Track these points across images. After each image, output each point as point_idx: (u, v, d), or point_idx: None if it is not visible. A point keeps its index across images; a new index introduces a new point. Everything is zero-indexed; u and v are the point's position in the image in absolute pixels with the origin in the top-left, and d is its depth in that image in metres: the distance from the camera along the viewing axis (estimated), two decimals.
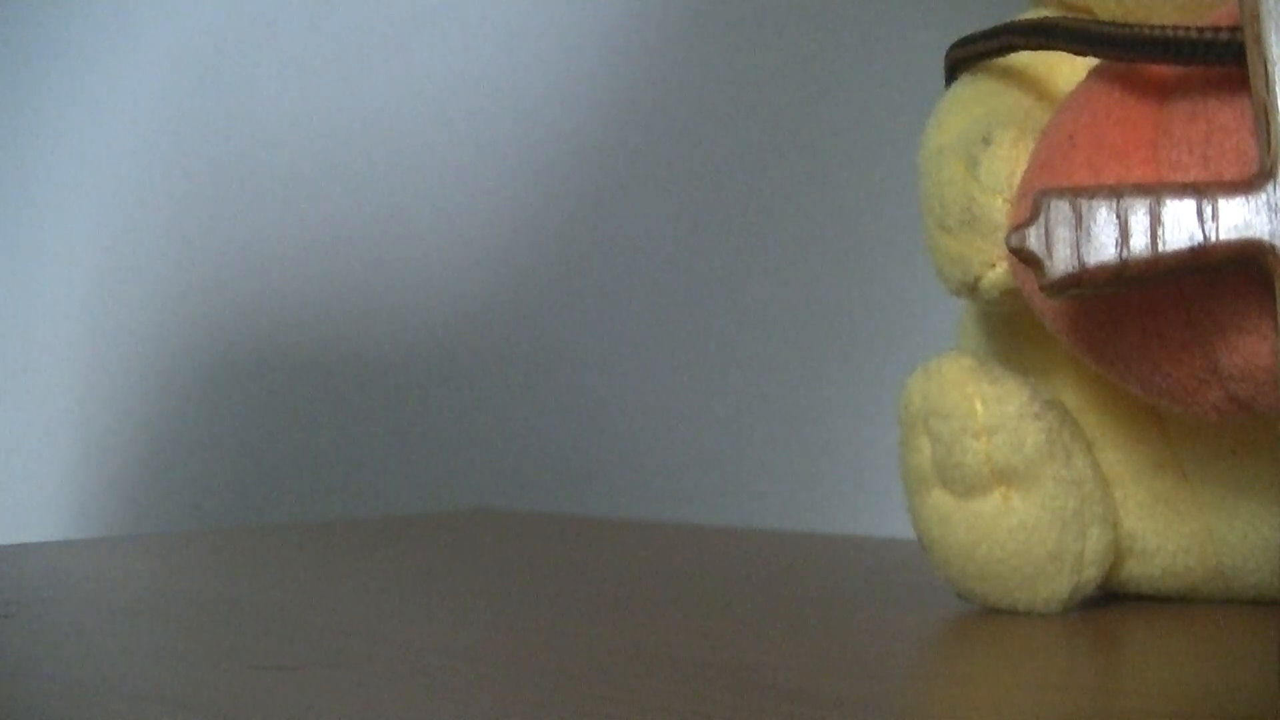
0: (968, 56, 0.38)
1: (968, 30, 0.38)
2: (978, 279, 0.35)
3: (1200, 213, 0.28)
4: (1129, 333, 0.31)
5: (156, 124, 1.03)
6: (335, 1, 0.92)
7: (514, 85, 0.81)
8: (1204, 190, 0.28)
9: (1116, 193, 0.29)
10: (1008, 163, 0.34)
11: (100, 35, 1.07)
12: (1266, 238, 0.28)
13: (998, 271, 0.35)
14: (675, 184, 0.73)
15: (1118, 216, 0.28)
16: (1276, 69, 0.28)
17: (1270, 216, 0.28)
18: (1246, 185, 0.28)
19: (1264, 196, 0.28)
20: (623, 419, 0.75)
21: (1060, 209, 0.29)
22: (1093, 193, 0.29)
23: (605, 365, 0.76)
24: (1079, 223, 0.29)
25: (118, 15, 1.05)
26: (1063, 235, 0.29)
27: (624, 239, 0.75)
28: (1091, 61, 0.34)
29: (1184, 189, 0.28)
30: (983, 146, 0.35)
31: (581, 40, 0.78)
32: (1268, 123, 0.28)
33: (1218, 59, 0.30)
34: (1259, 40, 0.28)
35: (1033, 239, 0.29)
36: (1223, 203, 0.28)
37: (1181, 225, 0.28)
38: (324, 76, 0.92)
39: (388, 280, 0.87)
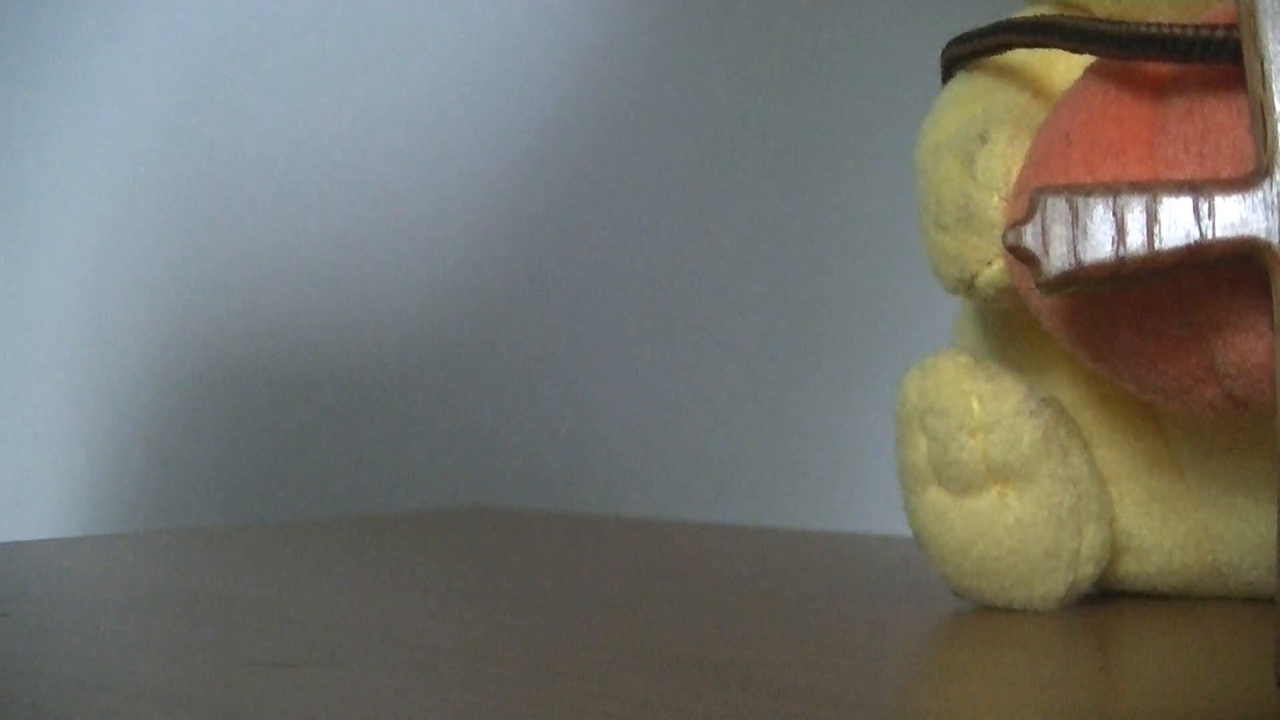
0: (964, 54, 0.38)
1: (964, 28, 0.38)
2: (974, 277, 0.35)
3: (1197, 210, 0.28)
4: (1125, 330, 0.31)
5: (153, 126, 1.03)
6: (327, 8, 0.92)
7: (506, 91, 0.81)
8: (1200, 188, 0.28)
9: (1113, 190, 0.29)
10: (1004, 160, 0.34)
11: (96, 40, 1.07)
12: (1263, 235, 0.28)
13: (994, 269, 0.35)
14: (669, 184, 0.73)
15: (1114, 214, 0.28)
16: (1273, 66, 0.28)
17: (1267, 214, 0.28)
18: (1243, 183, 0.28)
19: (1260, 194, 0.28)
20: (619, 417, 0.75)
21: (1057, 207, 0.29)
22: (1089, 190, 0.29)
23: (602, 363, 0.76)
24: (1075, 220, 0.29)
25: (114, 20, 1.05)
26: (1059, 233, 0.29)
27: (619, 238, 0.75)
28: (1088, 59, 0.34)
29: (1180, 186, 0.28)
30: (979, 144, 0.35)
31: (570, 42, 0.78)
32: (1264, 120, 0.28)
33: (1214, 56, 0.30)
34: (1255, 37, 0.28)
35: (1029, 237, 0.29)
36: (1219, 200, 0.28)
37: (1178, 223, 0.28)
38: (316, 83, 0.92)
39: (385, 280, 0.87)
